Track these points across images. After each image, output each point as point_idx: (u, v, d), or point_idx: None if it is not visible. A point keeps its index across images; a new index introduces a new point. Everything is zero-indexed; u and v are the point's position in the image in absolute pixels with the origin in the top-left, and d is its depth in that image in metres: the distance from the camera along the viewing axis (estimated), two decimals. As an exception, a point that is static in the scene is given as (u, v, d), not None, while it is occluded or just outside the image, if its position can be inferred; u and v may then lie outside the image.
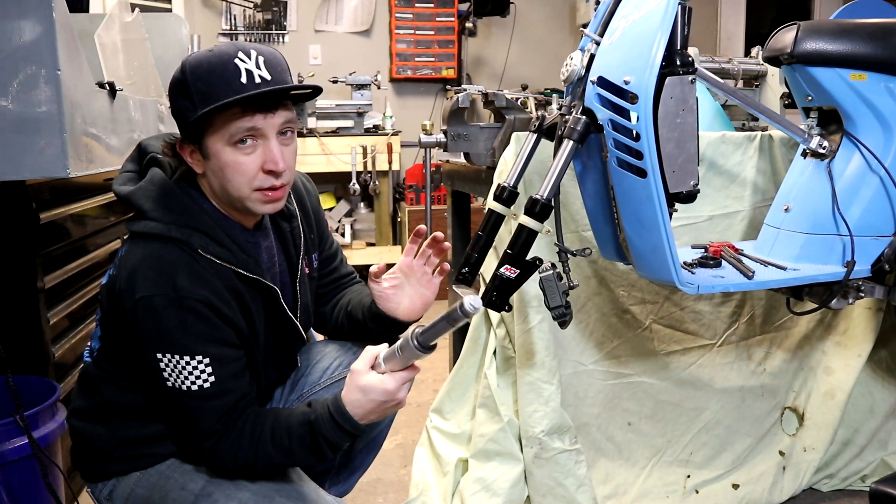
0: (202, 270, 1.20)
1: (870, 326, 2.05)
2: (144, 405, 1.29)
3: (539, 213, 1.41)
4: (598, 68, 1.40)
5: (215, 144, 1.20)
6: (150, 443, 1.30)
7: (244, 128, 1.18)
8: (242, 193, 1.23)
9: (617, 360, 1.95)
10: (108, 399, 1.30)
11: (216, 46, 1.22)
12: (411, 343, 1.13)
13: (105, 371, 1.30)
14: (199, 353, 1.18)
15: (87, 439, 1.32)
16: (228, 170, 1.21)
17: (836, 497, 2.09)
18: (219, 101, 1.15)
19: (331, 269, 1.55)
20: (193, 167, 1.25)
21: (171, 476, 1.29)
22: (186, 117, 1.19)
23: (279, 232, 1.40)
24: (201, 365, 1.19)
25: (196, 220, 1.23)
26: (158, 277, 1.17)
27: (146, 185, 1.26)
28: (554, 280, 1.41)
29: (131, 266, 1.19)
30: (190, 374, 1.18)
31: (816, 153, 1.69)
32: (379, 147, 4.30)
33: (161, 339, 1.18)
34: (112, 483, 1.32)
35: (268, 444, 1.22)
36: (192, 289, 1.18)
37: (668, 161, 1.38)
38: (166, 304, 1.16)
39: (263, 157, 1.21)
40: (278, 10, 4.78)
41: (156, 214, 1.22)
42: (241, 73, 1.17)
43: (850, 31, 1.60)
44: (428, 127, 3.27)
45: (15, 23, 1.33)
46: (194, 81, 1.17)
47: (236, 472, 1.26)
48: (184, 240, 1.20)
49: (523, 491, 1.82)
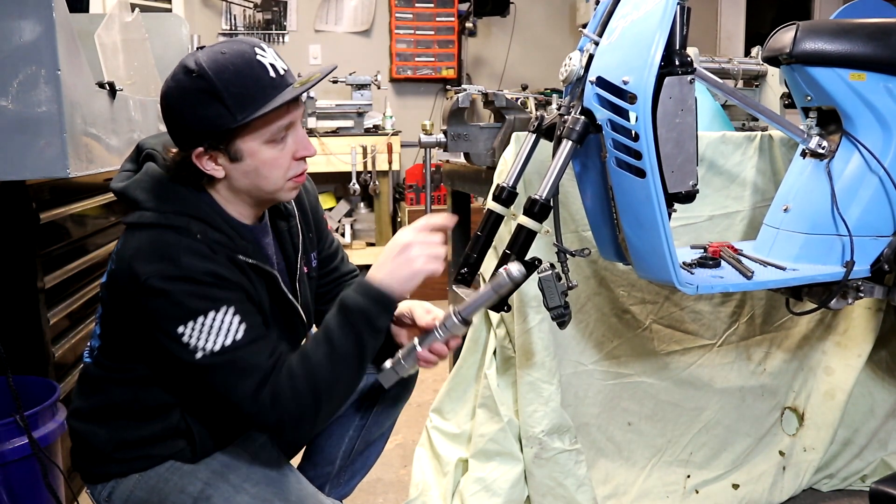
0: (203, 249, 1.17)
1: (870, 327, 2.05)
2: (145, 403, 1.28)
3: (538, 213, 1.41)
4: (597, 68, 1.40)
5: (251, 144, 1.18)
6: (149, 444, 1.29)
7: (283, 125, 1.19)
8: (278, 186, 1.23)
9: (617, 360, 1.95)
10: (108, 398, 1.29)
11: (223, 46, 1.18)
12: (454, 317, 1.28)
13: (106, 369, 1.29)
14: (222, 306, 1.14)
15: (86, 440, 1.31)
16: (266, 167, 1.20)
17: (836, 497, 2.09)
18: (266, 101, 1.14)
19: (331, 267, 1.54)
20: (213, 174, 1.20)
21: (169, 478, 1.28)
22: (222, 124, 1.14)
23: (276, 231, 1.39)
24: (228, 316, 1.14)
25: (192, 208, 1.21)
26: (161, 258, 1.14)
27: (140, 178, 1.24)
28: (553, 280, 1.41)
29: (130, 254, 1.16)
30: (220, 328, 1.14)
31: (816, 153, 1.68)
32: (379, 147, 4.30)
33: (175, 312, 1.13)
34: (111, 485, 1.30)
35: (312, 357, 1.18)
36: (197, 264, 1.15)
37: (667, 161, 1.38)
38: (173, 277, 1.13)
39: (295, 146, 1.23)
40: (278, 10, 4.79)
41: (151, 204, 1.20)
42: (268, 69, 1.17)
43: (849, 31, 1.59)
44: (428, 127, 3.27)
45: (15, 23, 1.33)
46: (226, 86, 1.13)
47: (302, 414, 1.17)
48: (182, 226, 1.18)
49: (523, 491, 1.82)
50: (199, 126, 1.16)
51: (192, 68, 1.14)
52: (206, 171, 1.20)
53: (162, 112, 1.20)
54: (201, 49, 1.20)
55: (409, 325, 1.40)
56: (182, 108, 1.16)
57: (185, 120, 1.17)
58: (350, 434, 1.54)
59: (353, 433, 1.54)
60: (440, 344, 1.30)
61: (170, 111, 1.19)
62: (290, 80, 1.19)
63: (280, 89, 1.16)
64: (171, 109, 1.18)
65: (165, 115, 1.20)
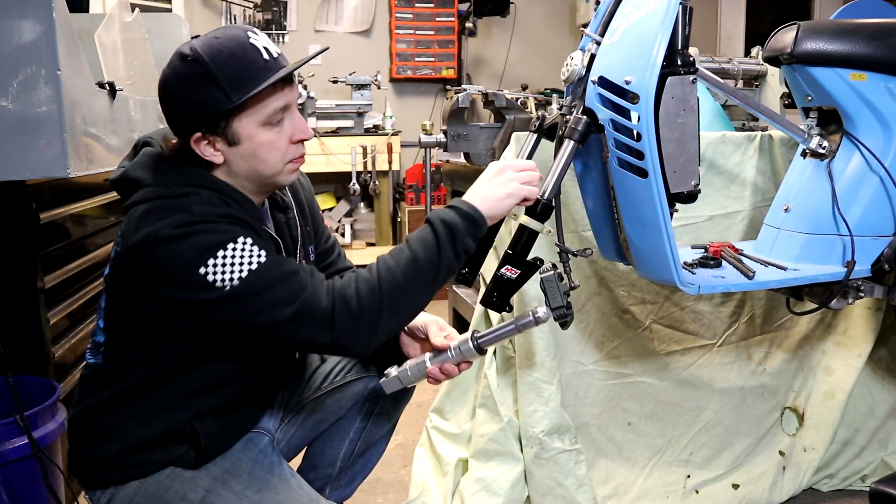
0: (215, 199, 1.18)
1: (870, 326, 2.05)
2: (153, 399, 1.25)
3: (540, 213, 1.41)
4: (599, 68, 1.40)
5: (248, 127, 1.19)
6: (152, 447, 1.26)
7: (279, 107, 1.20)
8: (276, 169, 1.24)
9: (617, 360, 1.95)
10: (116, 393, 1.26)
11: (217, 32, 1.20)
12: (470, 343, 1.30)
13: (113, 360, 1.26)
14: (238, 236, 1.14)
15: (87, 443, 1.28)
16: (264, 150, 1.21)
17: (836, 497, 2.09)
18: (260, 82, 1.15)
19: (329, 262, 1.54)
20: (212, 160, 1.21)
21: (170, 486, 1.25)
22: (217, 107, 1.16)
23: (275, 222, 1.38)
24: (247, 246, 1.14)
25: (198, 178, 1.21)
26: (173, 212, 1.14)
27: (139, 160, 1.24)
28: (555, 280, 1.41)
29: (136, 222, 1.15)
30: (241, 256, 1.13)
31: (816, 153, 1.69)
32: (379, 147, 4.30)
33: (193, 254, 1.12)
34: (110, 492, 1.27)
35: (387, 258, 1.19)
36: (210, 210, 1.16)
37: (669, 161, 1.38)
38: (186, 223, 1.13)
39: (292, 130, 1.23)
40: (278, 10, 4.79)
41: (153, 181, 1.20)
42: (261, 52, 1.18)
43: (849, 31, 1.60)
44: (428, 127, 3.28)
45: (15, 23, 1.33)
46: (221, 69, 1.15)
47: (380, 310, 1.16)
48: (189, 194, 1.18)
49: (523, 491, 1.82)
50: (195, 110, 1.17)
51: (186, 54, 1.17)
52: (206, 157, 1.21)
53: (160, 100, 1.22)
54: (196, 37, 1.22)
55: (422, 339, 1.40)
56: (179, 93, 1.18)
57: (182, 105, 1.18)
58: (351, 436, 1.53)
59: (354, 435, 1.53)
60: (451, 365, 1.32)
61: (167, 98, 1.20)
62: (284, 63, 1.21)
63: (273, 71, 1.18)
64: (169, 96, 1.20)
65: (163, 103, 1.21)
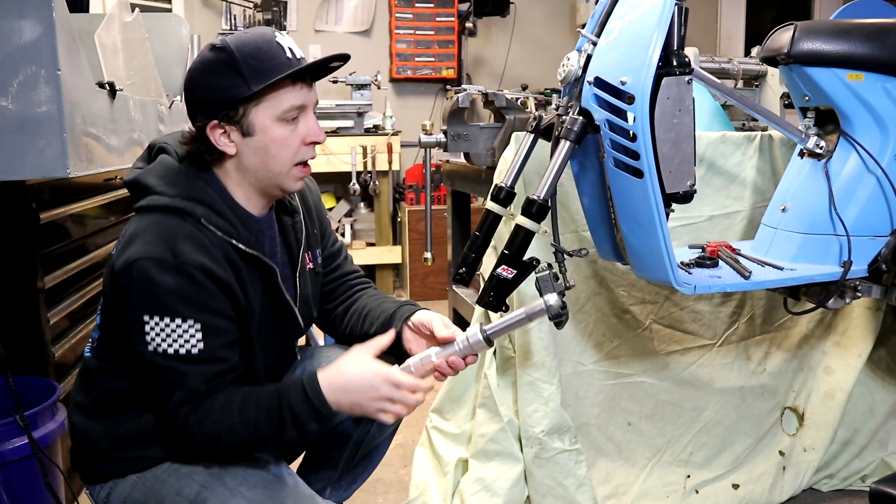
0: (202, 238, 1.21)
1: (869, 326, 2.05)
2: (142, 394, 1.28)
3: (536, 213, 1.42)
4: (595, 69, 1.40)
5: (263, 119, 1.23)
6: (145, 441, 1.29)
7: (295, 104, 1.24)
8: (284, 168, 1.27)
9: (617, 360, 1.95)
10: (104, 390, 1.30)
11: (248, 29, 1.27)
12: (479, 334, 1.28)
13: (103, 360, 1.31)
14: (190, 318, 1.18)
15: (85, 437, 1.32)
16: (275, 145, 1.25)
17: (836, 497, 2.09)
18: (279, 74, 1.20)
19: (335, 265, 1.55)
20: (224, 149, 1.25)
21: (166, 480, 1.28)
22: (236, 94, 1.20)
23: (281, 226, 1.41)
24: (192, 330, 1.18)
25: (201, 193, 1.25)
26: (158, 241, 1.18)
27: (153, 166, 1.29)
28: (550, 280, 1.41)
29: (132, 233, 1.21)
30: (179, 337, 1.18)
31: (813, 153, 1.69)
32: (379, 147, 4.30)
33: (151, 301, 1.17)
34: (109, 486, 1.31)
35: (235, 414, 1.20)
36: (191, 254, 1.18)
37: (665, 161, 1.38)
38: (163, 267, 1.17)
39: (306, 131, 1.28)
40: (278, 10, 4.78)
41: (161, 189, 1.24)
42: (286, 50, 1.24)
43: (847, 31, 1.60)
44: (428, 127, 3.27)
45: (15, 23, 1.33)
46: (245, 58, 1.20)
47: (203, 448, 1.23)
48: (187, 210, 1.22)
49: (523, 491, 1.82)
50: (215, 95, 1.22)
51: (217, 44, 1.24)
52: (219, 147, 1.25)
53: (184, 89, 1.27)
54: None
55: (426, 335, 1.40)
56: (202, 79, 1.24)
57: (204, 90, 1.23)
58: (353, 439, 1.54)
59: (357, 438, 1.54)
60: (457, 358, 1.31)
61: (191, 84, 1.26)
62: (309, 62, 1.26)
63: (293, 67, 1.23)
64: (193, 82, 1.25)
65: (187, 91, 1.26)
